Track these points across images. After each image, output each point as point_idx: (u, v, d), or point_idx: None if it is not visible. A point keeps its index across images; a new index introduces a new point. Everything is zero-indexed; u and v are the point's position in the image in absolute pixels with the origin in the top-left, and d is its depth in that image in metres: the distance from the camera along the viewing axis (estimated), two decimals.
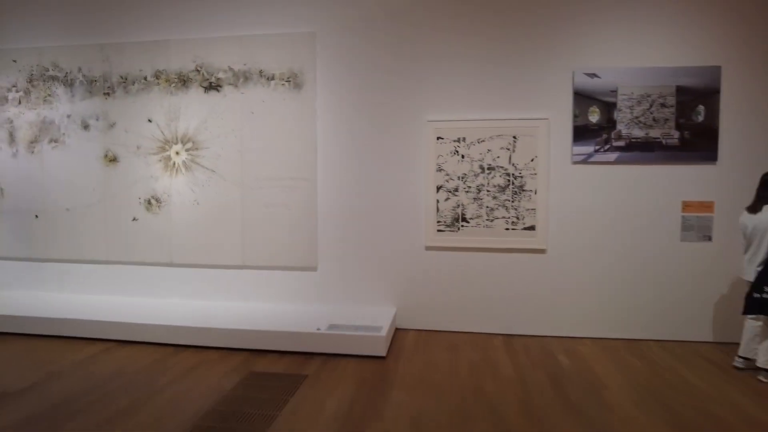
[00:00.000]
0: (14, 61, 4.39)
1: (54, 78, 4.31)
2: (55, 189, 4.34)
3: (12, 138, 4.41)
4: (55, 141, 4.32)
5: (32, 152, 4.37)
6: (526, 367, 3.17)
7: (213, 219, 4.06)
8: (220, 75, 4.03)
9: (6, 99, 4.41)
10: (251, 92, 3.99)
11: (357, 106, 3.88)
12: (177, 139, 4.10)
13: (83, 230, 4.31)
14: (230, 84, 4.01)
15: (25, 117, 4.37)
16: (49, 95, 4.32)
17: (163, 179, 4.13)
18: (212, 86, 4.04)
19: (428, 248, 3.84)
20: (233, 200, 4.03)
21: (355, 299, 3.95)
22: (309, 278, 4.00)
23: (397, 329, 3.86)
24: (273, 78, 3.95)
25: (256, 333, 3.41)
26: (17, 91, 4.39)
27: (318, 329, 3.39)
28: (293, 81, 3.92)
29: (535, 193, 3.70)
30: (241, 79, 4.00)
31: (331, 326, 3.45)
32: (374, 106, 3.85)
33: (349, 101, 3.89)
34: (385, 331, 3.35)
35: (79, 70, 4.26)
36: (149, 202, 4.16)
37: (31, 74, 4.36)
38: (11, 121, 4.40)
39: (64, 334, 3.72)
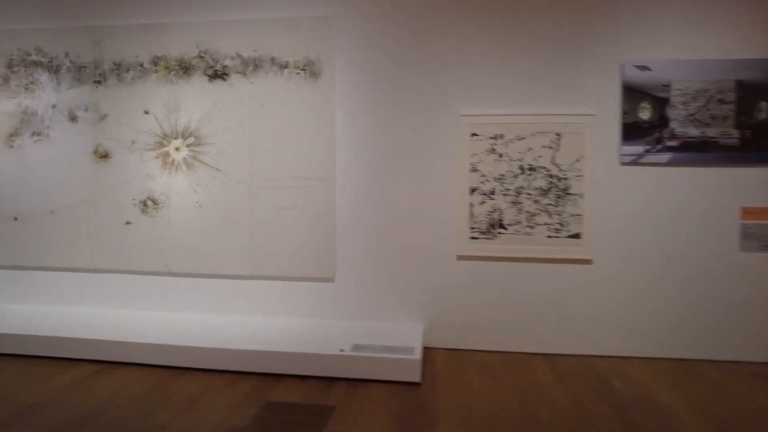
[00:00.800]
0: None
1: (37, 63, 3.84)
2: (37, 188, 3.85)
3: None
4: (38, 134, 3.84)
5: (11, 146, 3.88)
6: (579, 393, 2.78)
7: (217, 223, 3.62)
8: (227, 62, 3.59)
9: None
10: (262, 82, 3.56)
11: (380, 98, 3.48)
12: (177, 133, 3.65)
13: (69, 235, 3.82)
14: (238, 72, 3.58)
15: (3, 107, 3.88)
16: (31, 83, 3.85)
17: (161, 178, 3.67)
18: (218, 74, 3.60)
19: (460, 257, 3.44)
20: (240, 202, 3.60)
21: (377, 314, 3.53)
22: (325, 290, 3.57)
23: (424, 348, 3.45)
24: (287, 66, 3.53)
25: (269, 355, 2.98)
26: None
27: (341, 351, 2.97)
28: (309, 69, 3.51)
29: (581, 197, 3.32)
30: (251, 67, 3.57)
31: (356, 347, 3.03)
32: (400, 99, 3.46)
33: (371, 92, 3.48)
34: (418, 353, 2.94)
35: (66, 55, 3.79)
36: (145, 204, 3.70)
37: (11, 59, 3.87)
38: None
39: (45, 354, 3.24)
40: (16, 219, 3.90)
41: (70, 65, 3.79)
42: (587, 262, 3.35)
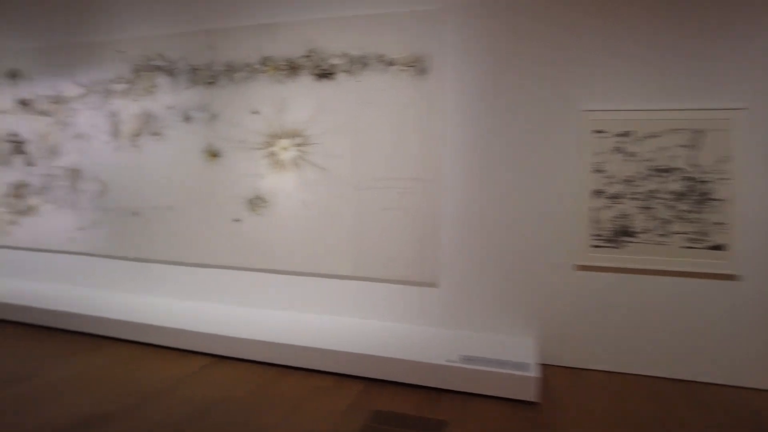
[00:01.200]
0: (121, 52, 4.19)
1: (158, 68, 4.05)
2: (155, 185, 4.07)
3: (116, 131, 4.21)
4: (157, 134, 4.05)
5: (134, 146, 4.14)
6: (727, 429, 2.40)
7: (322, 222, 3.60)
8: (334, 61, 3.56)
9: (112, 91, 4.22)
10: (368, 80, 3.49)
11: (492, 94, 3.26)
12: (284, 133, 3.68)
13: (182, 230, 4.00)
14: (345, 71, 3.54)
15: (130, 109, 4.15)
16: (152, 86, 4.07)
17: (269, 177, 3.72)
18: (324, 74, 3.58)
19: (579, 267, 3.14)
20: (344, 202, 3.55)
21: (482, 324, 3.32)
22: (428, 295, 3.42)
23: (539, 364, 3.18)
24: (393, 63, 3.43)
25: (374, 359, 2.88)
26: (123, 83, 4.18)
27: (449, 361, 2.80)
28: (417, 66, 3.38)
29: (727, 202, 2.89)
30: (358, 66, 3.51)
31: (464, 358, 2.85)
32: (514, 93, 3.22)
33: (482, 88, 3.28)
34: (534, 369, 2.70)
35: (184, 59, 3.96)
36: (253, 202, 3.77)
37: (137, 65, 4.13)
38: (116, 114, 4.20)
39: (159, 343, 3.39)
40: (136, 214, 4.15)
41: (187, 68, 3.96)
42: (732, 277, 2.91)
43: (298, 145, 3.65)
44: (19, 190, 4.67)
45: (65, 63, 4.41)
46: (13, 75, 4.62)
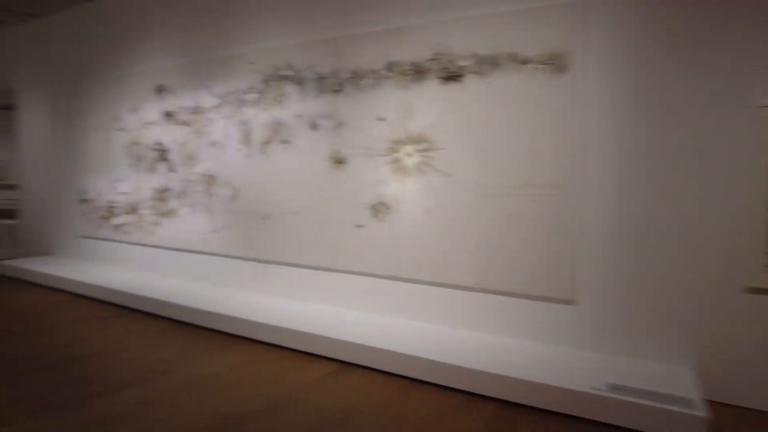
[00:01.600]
0: (252, 63, 4.41)
1: (286, 77, 4.20)
2: (283, 190, 4.23)
3: (247, 139, 4.44)
4: (285, 142, 4.20)
5: (264, 153, 4.33)
6: None
7: (446, 230, 3.47)
8: (462, 63, 3.42)
9: (244, 101, 4.46)
10: (499, 81, 3.30)
11: (644, 91, 2.91)
12: (409, 138, 3.61)
13: (307, 234, 4.11)
14: (473, 72, 3.39)
15: (260, 118, 4.35)
16: (281, 95, 4.23)
17: (392, 183, 3.68)
18: (452, 77, 3.46)
19: (750, 290, 2.68)
20: (470, 209, 3.39)
21: (629, 349, 2.97)
22: (565, 313, 3.14)
23: (704, 400, 2.78)
24: (527, 62, 3.21)
25: (509, 381, 2.69)
26: (253, 93, 4.40)
27: (596, 389, 2.52)
28: (555, 63, 3.12)
29: None
30: (487, 66, 3.34)
31: (612, 387, 2.55)
32: (671, 88, 2.84)
33: (632, 84, 2.94)
34: (701, 407, 2.33)
35: (311, 67, 4.07)
36: (376, 208, 3.75)
37: (267, 75, 4.32)
38: (247, 123, 4.44)
39: (285, 345, 3.47)
40: (265, 218, 4.34)
41: (313, 77, 4.05)
42: None
43: (423, 150, 3.56)
44: (162, 194, 5.12)
45: (203, 76, 4.76)
46: (161, 90, 5.09)
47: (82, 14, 6.07)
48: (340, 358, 3.24)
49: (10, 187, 7.94)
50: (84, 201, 6.08)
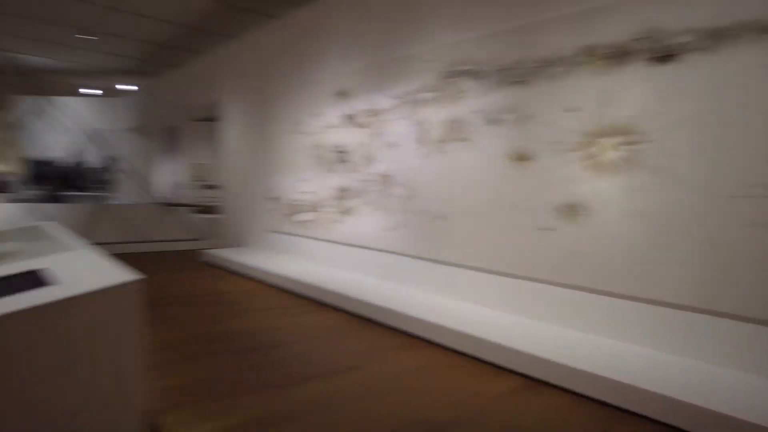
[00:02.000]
0: (428, 60, 4.36)
1: (464, 73, 4.05)
2: (460, 189, 4.11)
3: (424, 138, 4.41)
4: (464, 139, 4.07)
5: (441, 152, 4.25)
6: None
7: (659, 237, 2.98)
8: (679, 40, 2.89)
9: (419, 100, 4.44)
10: (729, 58, 2.71)
11: None
12: (608, 130, 3.19)
13: (487, 236, 3.92)
14: (694, 50, 2.84)
15: (436, 116, 4.28)
16: (459, 91, 4.09)
17: (587, 182, 3.29)
18: (665, 56, 2.95)
19: None
20: (690, 213, 2.86)
21: None
22: None
23: None
24: None
25: (722, 420, 2.17)
26: (430, 91, 4.35)
27: None
28: None
29: None
30: (712, 41, 2.76)
31: None
32: None
33: None
34: None
35: (491, 60, 3.85)
36: (567, 210, 3.40)
37: (443, 72, 4.23)
38: (423, 122, 4.41)
39: (468, 352, 3.32)
40: (442, 218, 4.27)
41: (493, 70, 3.83)
42: None
43: (626, 144, 3.11)
44: (342, 193, 5.40)
45: (381, 78, 4.86)
46: (342, 94, 5.35)
47: (271, 31, 6.72)
48: (527, 373, 2.99)
49: (214, 187, 9.25)
50: (272, 199, 6.74)
